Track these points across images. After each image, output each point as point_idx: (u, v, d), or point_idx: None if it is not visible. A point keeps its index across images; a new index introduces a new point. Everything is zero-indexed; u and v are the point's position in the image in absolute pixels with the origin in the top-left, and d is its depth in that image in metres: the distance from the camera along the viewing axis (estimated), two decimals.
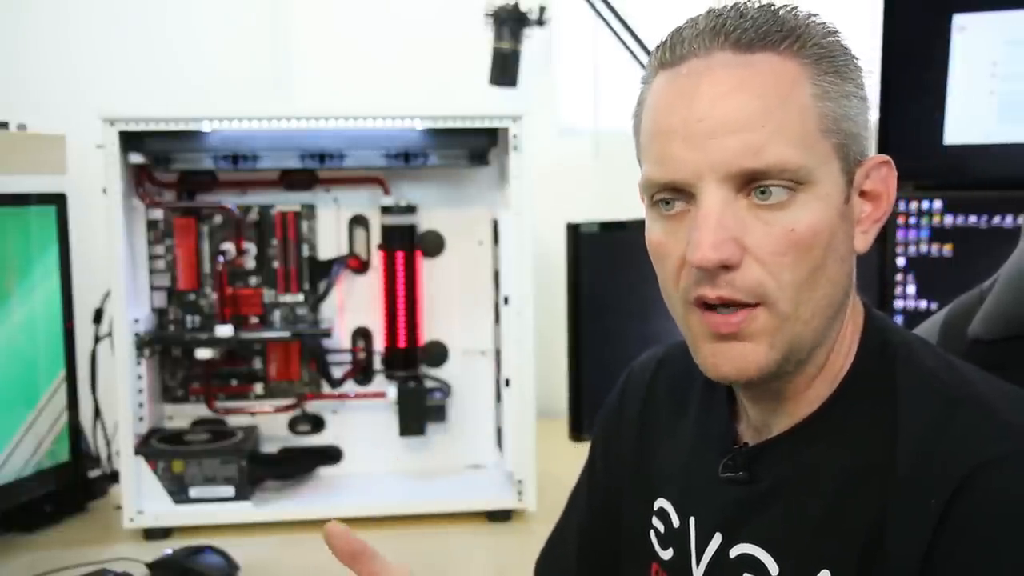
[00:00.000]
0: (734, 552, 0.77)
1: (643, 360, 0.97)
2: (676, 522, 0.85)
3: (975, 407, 0.68)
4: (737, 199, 0.69)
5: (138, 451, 1.57)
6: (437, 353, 1.76)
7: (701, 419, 0.86)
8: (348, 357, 1.75)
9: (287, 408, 1.75)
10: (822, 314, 0.71)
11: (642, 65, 1.79)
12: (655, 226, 0.74)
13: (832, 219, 0.70)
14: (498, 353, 1.68)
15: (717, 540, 0.79)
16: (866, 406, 0.72)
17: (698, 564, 0.81)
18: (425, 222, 1.74)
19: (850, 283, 0.75)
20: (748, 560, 0.76)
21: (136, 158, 1.57)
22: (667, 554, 0.86)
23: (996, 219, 1.65)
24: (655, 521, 0.88)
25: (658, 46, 0.75)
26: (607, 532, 0.96)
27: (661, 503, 0.87)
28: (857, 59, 0.74)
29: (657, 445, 0.90)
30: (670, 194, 0.72)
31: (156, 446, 1.60)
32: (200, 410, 1.73)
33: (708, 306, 0.70)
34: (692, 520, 0.83)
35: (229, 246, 1.70)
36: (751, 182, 0.68)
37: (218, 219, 1.70)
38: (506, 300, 1.60)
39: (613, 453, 0.96)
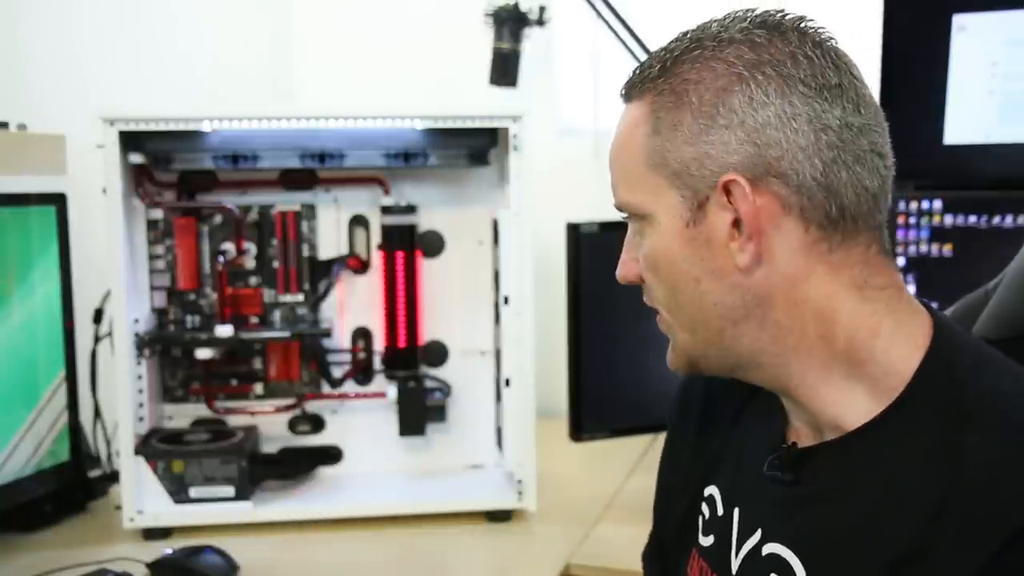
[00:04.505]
0: (766, 550, 0.78)
1: None
2: (721, 510, 0.86)
3: None
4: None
5: (138, 451, 1.57)
6: (437, 353, 1.76)
7: (760, 413, 0.86)
8: (348, 357, 1.75)
9: (287, 408, 1.75)
10: (705, 327, 0.77)
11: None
12: None
13: (669, 246, 0.76)
14: (498, 353, 1.68)
15: (756, 536, 0.80)
16: (925, 424, 0.71)
17: (736, 556, 0.82)
18: (425, 222, 1.74)
19: (755, 299, 0.73)
20: (776, 560, 0.76)
21: (136, 158, 1.57)
22: (707, 541, 0.87)
23: (996, 219, 1.65)
24: (703, 507, 0.89)
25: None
26: (665, 519, 0.98)
27: (711, 490, 0.88)
28: (764, 68, 0.71)
29: (717, 431, 0.91)
30: None
31: (156, 446, 1.60)
32: (200, 410, 1.73)
33: None
34: (736, 511, 0.83)
35: (229, 246, 1.70)
36: None
37: (218, 219, 1.70)
38: (506, 300, 1.60)
39: (678, 436, 0.98)
